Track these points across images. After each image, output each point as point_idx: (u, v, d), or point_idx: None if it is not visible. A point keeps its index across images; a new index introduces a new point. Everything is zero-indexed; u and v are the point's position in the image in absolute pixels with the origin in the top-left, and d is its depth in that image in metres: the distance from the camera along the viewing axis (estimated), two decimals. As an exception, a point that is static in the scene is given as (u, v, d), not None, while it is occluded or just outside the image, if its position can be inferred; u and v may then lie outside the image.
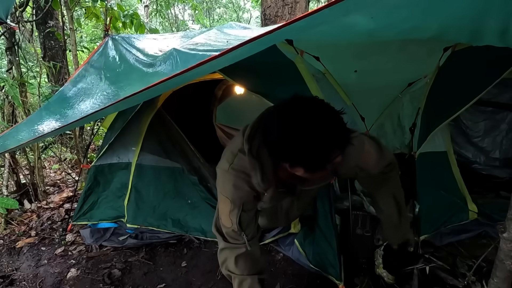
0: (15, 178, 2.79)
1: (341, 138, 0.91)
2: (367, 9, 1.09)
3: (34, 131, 1.70)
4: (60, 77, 4.16)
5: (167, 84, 1.18)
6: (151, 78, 1.72)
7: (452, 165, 1.93)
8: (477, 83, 1.73)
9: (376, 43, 1.82)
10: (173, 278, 1.86)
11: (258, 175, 1.09)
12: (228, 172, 1.15)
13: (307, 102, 0.94)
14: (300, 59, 1.79)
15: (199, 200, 2.19)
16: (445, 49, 1.89)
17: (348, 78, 2.25)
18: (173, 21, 10.22)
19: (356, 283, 1.68)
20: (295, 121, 0.89)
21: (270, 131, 0.97)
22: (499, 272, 1.13)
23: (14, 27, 2.42)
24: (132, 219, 2.20)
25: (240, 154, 1.13)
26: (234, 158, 1.15)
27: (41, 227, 2.47)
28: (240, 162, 1.13)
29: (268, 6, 3.43)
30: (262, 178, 1.09)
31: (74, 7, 3.03)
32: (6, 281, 1.88)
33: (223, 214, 1.21)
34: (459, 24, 1.32)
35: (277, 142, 0.94)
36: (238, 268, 1.23)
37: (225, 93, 3.20)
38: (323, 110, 0.92)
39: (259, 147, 1.08)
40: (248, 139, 1.09)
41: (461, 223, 1.90)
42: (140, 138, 2.26)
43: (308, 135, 0.87)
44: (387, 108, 2.83)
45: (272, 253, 1.99)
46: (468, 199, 1.90)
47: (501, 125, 2.71)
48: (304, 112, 0.90)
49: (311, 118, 0.89)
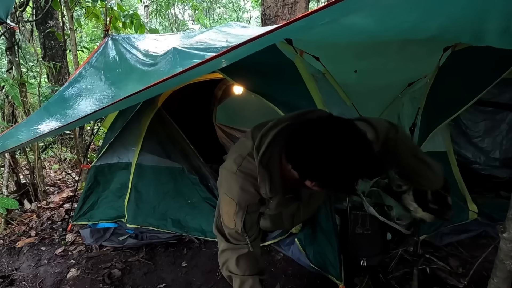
0: (15, 178, 2.79)
1: (372, 168, 0.93)
2: (367, 9, 1.09)
3: (34, 131, 1.70)
4: (60, 77, 4.16)
5: (167, 83, 1.19)
6: (151, 78, 1.72)
7: (452, 165, 1.93)
8: (477, 83, 1.73)
9: (376, 43, 1.82)
10: (173, 278, 1.86)
11: (267, 186, 1.11)
12: (236, 174, 1.16)
13: (341, 126, 0.93)
14: (300, 59, 1.79)
15: (199, 200, 2.19)
16: (445, 49, 1.89)
17: (348, 78, 2.25)
18: (173, 21, 10.22)
19: (356, 283, 1.68)
20: (331, 148, 0.89)
21: (300, 152, 0.95)
22: (499, 272, 1.13)
23: (14, 27, 2.42)
24: (132, 219, 2.20)
25: (249, 158, 1.15)
26: (243, 161, 1.16)
27: (41, 227, 2.47)
28: (248, 166, 1.14)
29: (268, 6, 3.43)
30: (270, 189, 1.11)
31: (74, 7, 3.03)
32: (6, 281, 1.88)
33: (227, 215, 1.21)
34: (459, 24, 1.32)
35: (309, 166, 0.93)
36: (239, 268, 1.23)
37: (225, 93, 3.20)
38: (358, 137, 0.92)
39: (270, 159, 1.08)
40: (257, 148, 1.10)
41: (461, 223, 1.90)
42: (140, 138, 2.26)
43: (344, 165, 0.88)
44: (387, 108, 2.83)
45: (272, 253, 1.99)
46: (468, 199, 1.90)
47: (501, 125, 2.71)
48: (339, 139, 0.90)
49: (347, 146, 0.89)
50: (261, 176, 1.10)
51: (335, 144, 0.89)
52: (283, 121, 1.13)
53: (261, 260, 1.32)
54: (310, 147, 0.92)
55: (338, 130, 0.92)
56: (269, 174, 1.10)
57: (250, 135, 1.21)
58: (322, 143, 0.90)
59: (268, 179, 1.10)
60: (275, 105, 1.74)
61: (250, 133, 1.24)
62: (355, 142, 0.90)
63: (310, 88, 1.73)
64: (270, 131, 1.11)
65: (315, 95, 1.73)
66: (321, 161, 0.89)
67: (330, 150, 0.88)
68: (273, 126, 1.12)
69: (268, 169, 1.10)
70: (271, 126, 1.12)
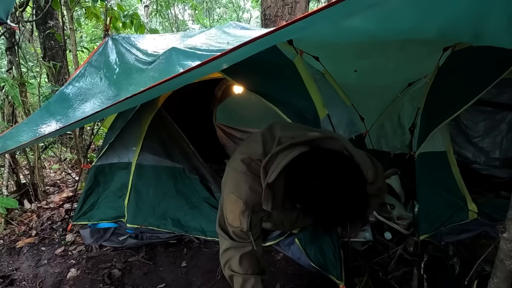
0: (15, 178, 2.79)
1: (363, 212, 1.02)
2: (367, 9, 1.09)
3: (34, 131, 1.70)
4: (60, 77, 4.16)
5: (167, 85, 1.19)
6: (151, 78, 1.72)
7: (452, 165, 1.93)
8: (477, 83, 1.73)
9: (376, 43, 1.82)
10: (173, 278, 1.86)
11: (269, 204, 1.15)
12: (246, 174, 1.19)
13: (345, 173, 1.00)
14: (300, 59, 1.79)
15: (199, 200, 2.19)
16: (445, 49, 1.89)
17: (348, 78, 2.25)
18: (173, 21, 10.21)
19: (356, 283, 1.68)
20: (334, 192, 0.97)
21: (303, 190, 1.03)
22: (499, 272, 1.13)
23: (14, 27, 2.42)
24: (132, 219, 2.20)
25: (258, 162, 1.19)
26: (251, 162, 1.20)
27: (41, 227, 2.47)
28: (257, 168, 1.18)
29: (268, 6, 3.43)
30: (272, 206, 1.16)
31: (74, 7, 3.03)
32: (6, 281, 1.88)
33: (232, 213, 1.22)
34: (459, 24, 1.32)
35: (308, 203, 1.03)
36: (242, 267, 1.24)
37: (225, 93, 3.20)
38: (358, 189, 1.00)
39: (277, 181, 1.11)
40: (265, 168, 1.14)
41: (461, 223, 1.89)
42: (141, 138, 2.26)
43: (340, 209, 0.98)
44: (387, 108, 2.84)
45: (272, 253, 1.99)
46: (468, 199, 1.90)
47: (501, 125, 2.70)
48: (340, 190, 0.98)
49: (345, 192, 0.97)
50: (265, 196, 1.14)
51: (335, 194, 0.97)
52: (295, 145, 1.13)
53: (262, 260, 1.34)
54: (314, 193, 1.00)
55: (341, 180, 0.99)
56: (273, 194, 1.14)
57: (260, 139, 1.25)
58: (323, 191, 0.98)
59: (272, 197, 1.14)
60: (275, 105, 1.74)
61: (260, 137, 1.27)
62: (355, 194, 0.99)
63: (310, 89, 1.73)
64: (280, 153, 1.13)
65: (315, 96, 1.74)
66: (322, 208, 0.99)
67: (330, 199, 0.97)
68: (283, 149, 1.13)
69: (273, 190, 1.14)
70: (282, 149, 1.14)
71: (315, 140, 1.15)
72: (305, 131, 1.25)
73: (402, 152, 2.54)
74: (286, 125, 1.34)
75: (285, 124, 1.35)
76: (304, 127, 1.43)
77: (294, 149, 1.10)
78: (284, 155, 1.11)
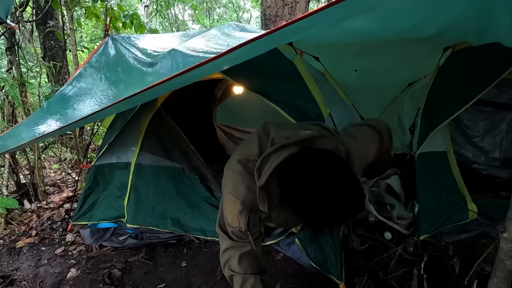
0: (15, 178, 2.79)
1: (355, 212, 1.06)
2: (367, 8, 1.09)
3: (34, 131, 1.70)
4: (60, 77, 4.15)
5: (167, 85, 1.19)
6: (151, 78, 1.72)
7: (452, 165, 1.93)
8: (477, 83, 1.73)
9: (376, 42, 1.82)
10: (173, 278, 1.86)
11: (265, 205, 1.15)
12: (243, 174, 1.19)
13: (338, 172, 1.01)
14: (300, 59, 1.79)
15: (199, 200, 2.19)
16: (445, 49, 1.89)
17: (348, 78, 2.25)
18: (173, 21, 10.20)
19: (356, 283, 1.68)
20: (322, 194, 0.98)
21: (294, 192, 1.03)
22: (499, 272, 1.13)
23: (14, 27, 2.42)
24: (132, 219, 2.20)
25: (254, 162, 1.19)
26: (248, 163, 1.20)
27: (41, 227, 2.47)
28: (253, 168, 1.18)
29: (268, 6, 3.43)
30: (269, 207, 1.16)
31: (74, 7, 3.02)
32: (6, 281, 1.88)
33: (231, 214, 1.22)
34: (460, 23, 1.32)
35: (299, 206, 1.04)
36: (241, 267, 1.24)
37: (225, 93, 3.20)
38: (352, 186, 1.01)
39: (270, 182, 1.11)
40: (258, 170, 1.14)
41: (461, 223, 1.89)
42: (140, 138, 2.25)
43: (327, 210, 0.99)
44: (387, 108, 2.84)
45: (272, 253, 1.99)
46: (468, 199, 1.89)
47: (501, 125, 2.70)
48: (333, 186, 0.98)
49: (338, 194, 0.98)
50: (260, 197, 1.14)
51: (322, 195, 0.98)
52: (286, 146, 1.12)
53: (262, 260, 1.34)
54: (303, 195, 1.01)
55: (328, 181, 0.99)
56: (268, 195, 1.14)
57: (256, 139, 1.25)
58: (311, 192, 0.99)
59: (267, 199, 1.14)
60: (276, 105, 1.73)
61: (256, 137, 1.27)
62: (342, 195, 0.98)
63: (311, 89, 1.73)
64: (272, 154, 1.13)
65: (316, 95, 1.73)
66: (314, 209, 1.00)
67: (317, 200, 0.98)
68: (275, 151, 1.13)
69: (268, 191, 1.14)
70: (273, 150, 1.13)
71: (307, 140, 1.15)
72: (298, 130, 1.24)
73: (403, 152, 2.53)
74: (280, 123, 1.33)
75: (279, 123, 1.34)
76: (299, 125, 1.42)
77: (284, 151, 1.10)
78: (275, 156, 1.11)
